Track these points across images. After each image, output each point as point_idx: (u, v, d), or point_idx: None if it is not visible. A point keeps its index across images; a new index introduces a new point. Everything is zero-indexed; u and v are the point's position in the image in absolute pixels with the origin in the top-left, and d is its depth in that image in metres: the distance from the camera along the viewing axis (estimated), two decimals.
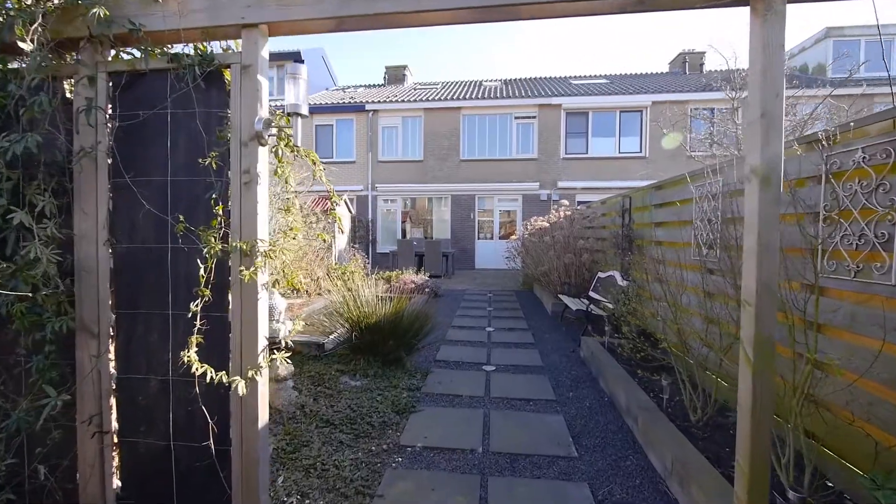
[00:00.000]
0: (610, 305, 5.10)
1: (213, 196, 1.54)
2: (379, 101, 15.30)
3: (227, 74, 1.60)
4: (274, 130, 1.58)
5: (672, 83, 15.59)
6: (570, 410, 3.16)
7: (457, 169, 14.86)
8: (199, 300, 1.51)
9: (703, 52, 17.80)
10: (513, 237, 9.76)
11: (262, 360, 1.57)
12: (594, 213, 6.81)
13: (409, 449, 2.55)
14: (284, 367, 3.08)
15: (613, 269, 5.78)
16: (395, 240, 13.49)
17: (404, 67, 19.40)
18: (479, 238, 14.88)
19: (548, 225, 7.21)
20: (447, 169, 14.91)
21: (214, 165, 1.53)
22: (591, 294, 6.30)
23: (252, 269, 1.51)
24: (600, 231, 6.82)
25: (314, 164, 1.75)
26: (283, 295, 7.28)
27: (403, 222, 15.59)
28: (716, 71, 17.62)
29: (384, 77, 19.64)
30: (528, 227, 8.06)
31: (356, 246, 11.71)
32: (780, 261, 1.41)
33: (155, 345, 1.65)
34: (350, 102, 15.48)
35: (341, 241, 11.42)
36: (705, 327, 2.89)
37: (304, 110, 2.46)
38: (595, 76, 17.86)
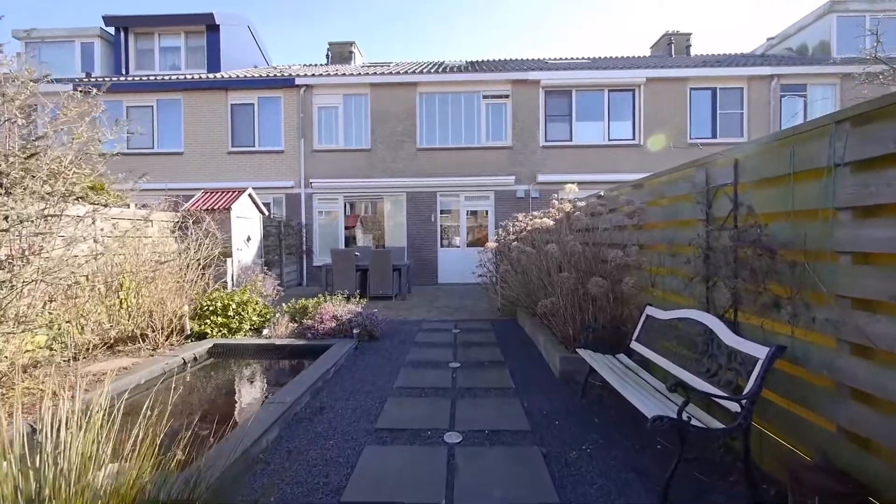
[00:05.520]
0: (738, 408, 2.25)
1: None
2: (313, 76, 12.09)
3: None
4: None
5: (665, 61, 13.44)
6: None
7: (413, 160, 11.89)
8: None
9: (689, 34, 15.96)
10: (489, 245, 6.83)
11: None
12: (629, 203, 4.00)
13: None
14: None
15: (690, 307, 3.01)
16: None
17: (351, 44, 16.26)
18: (442, 245, 11.94)
19: (551, 223, 4.33)
20: (401, 160, 11.90)
21: None
22: (635, 346, 3.50)
23: None
24: (637, 234, 4.02)
25: None
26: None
27: (350, 227, 12.41)
28: (705, 55, 15.86)
29: (327, 55, 16.39)
30: (513, 227, 5.24)
31: (260, 260, 8.45)
32: None
33: None
34: (277, 76, 12.18)
35: (247, 253, 8.13)
36: None
37: None
38: (575, 58, 15.51)
